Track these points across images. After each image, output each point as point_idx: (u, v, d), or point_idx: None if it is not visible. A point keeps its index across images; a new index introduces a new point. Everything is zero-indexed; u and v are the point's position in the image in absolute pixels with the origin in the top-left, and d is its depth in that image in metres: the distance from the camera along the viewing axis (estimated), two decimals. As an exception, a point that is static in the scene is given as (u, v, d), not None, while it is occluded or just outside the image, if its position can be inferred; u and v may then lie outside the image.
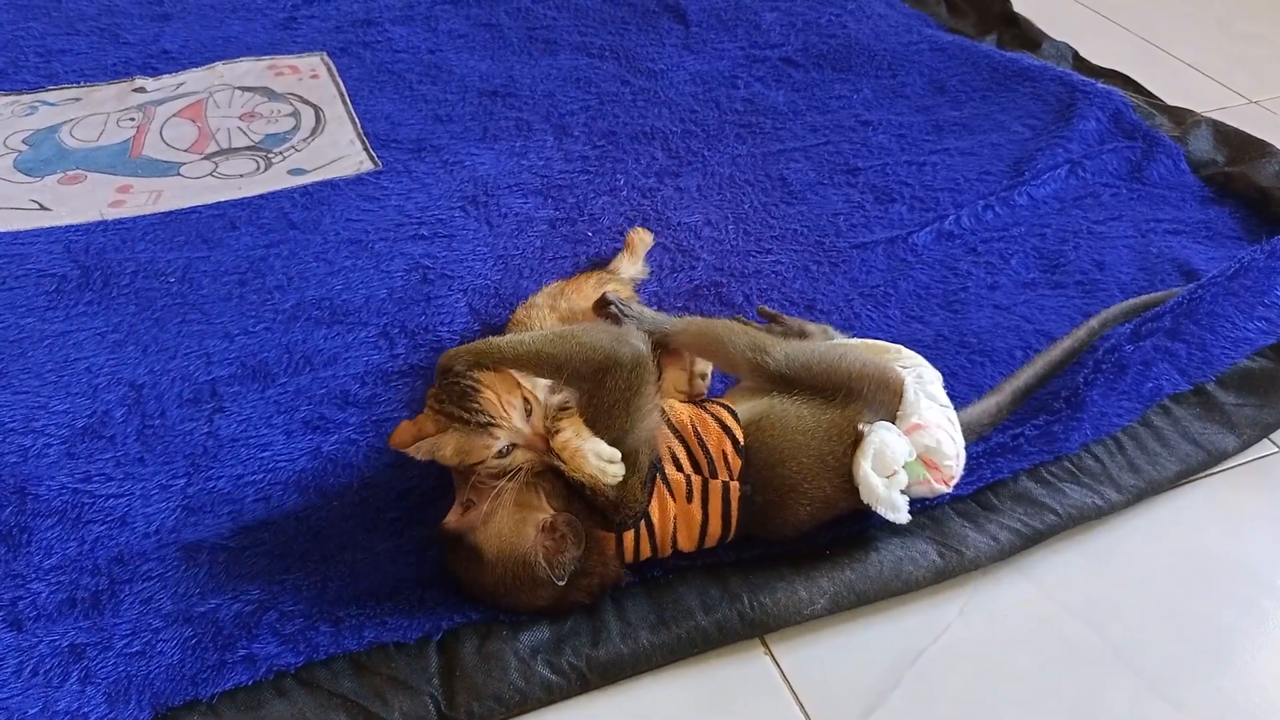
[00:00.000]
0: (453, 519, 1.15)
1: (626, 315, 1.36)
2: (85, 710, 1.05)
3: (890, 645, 1.17)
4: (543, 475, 1.14)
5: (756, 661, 1.15)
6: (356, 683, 1.09)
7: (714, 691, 1.12)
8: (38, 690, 1.07)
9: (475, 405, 1.10)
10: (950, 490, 1.22)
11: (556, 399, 1.17)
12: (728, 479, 1.16)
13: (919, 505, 1.23)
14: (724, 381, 1.40)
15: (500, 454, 1.11)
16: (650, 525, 1.15)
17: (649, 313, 1.38)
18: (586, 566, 1.12)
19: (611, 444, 1.11)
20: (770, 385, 1.23)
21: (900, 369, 1.25)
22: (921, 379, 1.25)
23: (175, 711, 1.06)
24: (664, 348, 1.33)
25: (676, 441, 1.17)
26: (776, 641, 1.17)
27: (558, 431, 1.12)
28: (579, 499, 1.13)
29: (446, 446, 1.12)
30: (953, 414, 1.24)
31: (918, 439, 1.18)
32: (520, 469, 1.11)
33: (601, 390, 1.13)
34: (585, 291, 1.44)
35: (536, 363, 1.15)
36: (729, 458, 1.16)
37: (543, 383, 1.18)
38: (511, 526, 1.11)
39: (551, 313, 1.38)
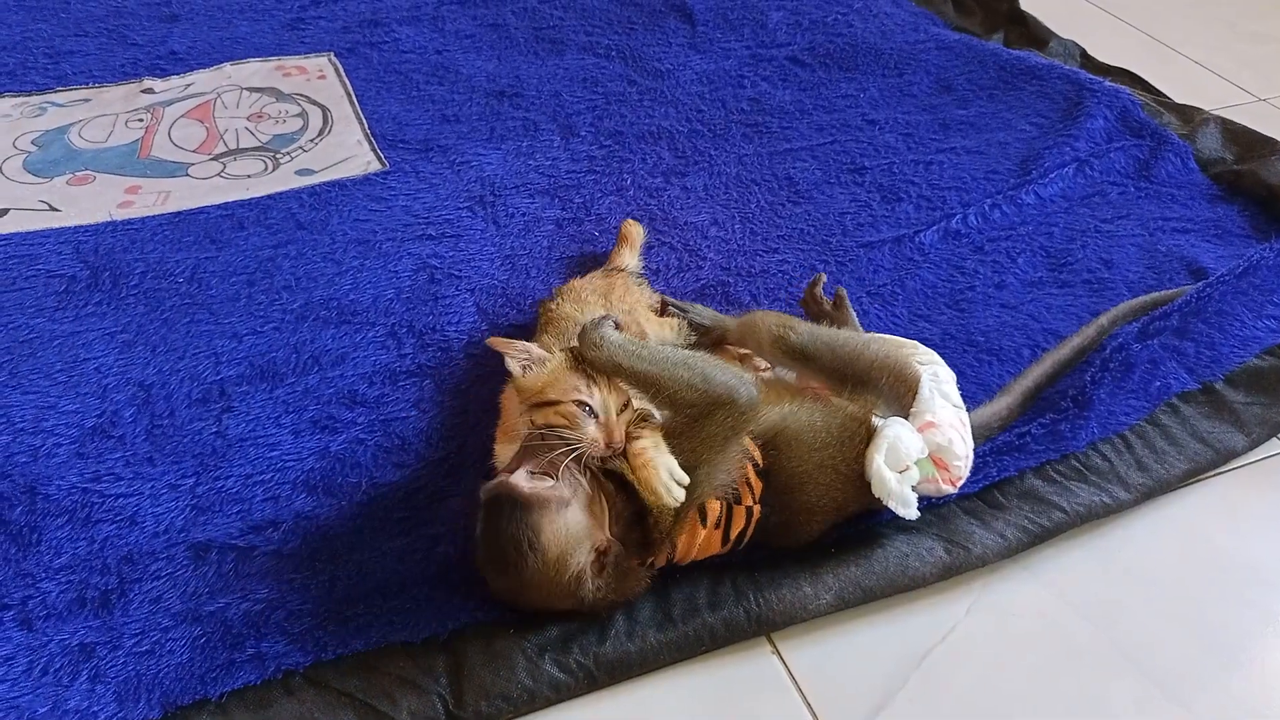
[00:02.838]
0: (522, 481, 1.06)
1: (690, 313, 1.41)
2: (95, 709, 1.06)
3: (898, 644, 1.17)
4: (615, 496, 1.11)
5: (764, 660, 1.15)
6: (364, 682, 1.09)
7: (722, 690, 1.12)
8: (48, 689, 1.07)
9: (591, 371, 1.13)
10: (956, 491, 1.22)
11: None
12: (751, 503, 1.15)
13: (924, 503, 1.22)
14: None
15: (583, 407, 1.10)
16: (673, 549, 1.14)
17: (708, 311, 1.42)
18: (622, 589, 1.12)
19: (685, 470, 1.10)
20: (790, 361, 1.25)
21: (917, 365, 1.26)
22: (937, 378, 1.25)
23: (184, 710, 1.06)
24: (720, 342, 1.39)
25: None
26: (784, 641, 1.17)
27: (636, 438, 1.11)
28: (637, 529, 1.11)
29: (547, 364, 1.14)
30: (965, 415, 1.24)
31: (930, 437, 1.18)
32: (583, 449, 1.08)
33: (707, 422, 1.11)
34: (635, 294, 1.45)
35: (656, 381, 1.12)
36: (750, 482, 1.15)
37: None
38: (579, 531, 1.07)
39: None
